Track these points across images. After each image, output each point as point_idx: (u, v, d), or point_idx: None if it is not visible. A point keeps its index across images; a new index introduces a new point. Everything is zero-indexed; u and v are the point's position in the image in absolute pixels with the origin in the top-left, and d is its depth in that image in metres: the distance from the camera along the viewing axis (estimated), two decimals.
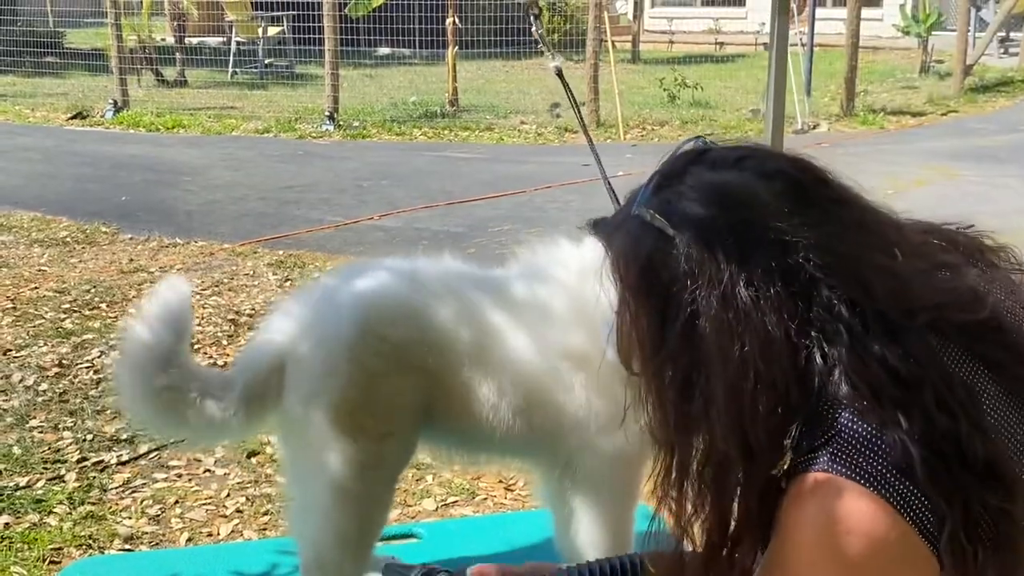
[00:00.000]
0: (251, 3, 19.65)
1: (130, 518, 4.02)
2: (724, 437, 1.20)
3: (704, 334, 1.19)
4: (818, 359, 1.19)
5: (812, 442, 1.20)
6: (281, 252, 7.96)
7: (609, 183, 1.93)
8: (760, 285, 1.18)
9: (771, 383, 1.18)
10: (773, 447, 1.19)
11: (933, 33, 19.33)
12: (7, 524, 3.94)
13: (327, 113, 14.72)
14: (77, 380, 5.38)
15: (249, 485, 4.30)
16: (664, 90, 16.18)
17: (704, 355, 1.20)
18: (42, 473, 4.37)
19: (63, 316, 6.43)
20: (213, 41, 21.21)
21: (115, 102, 15.67)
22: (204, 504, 4.16)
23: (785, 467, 1.19)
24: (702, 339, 1.20)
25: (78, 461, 4.48)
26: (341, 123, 14.69)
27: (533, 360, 1.83)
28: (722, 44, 24.17)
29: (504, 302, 1.87)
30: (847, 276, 1.21)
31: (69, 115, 15.71)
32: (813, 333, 1.19)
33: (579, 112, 2.09)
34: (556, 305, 1.85)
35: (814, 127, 14.42)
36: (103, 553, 3.70)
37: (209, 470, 4.44)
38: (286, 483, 1.88)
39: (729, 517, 1.24)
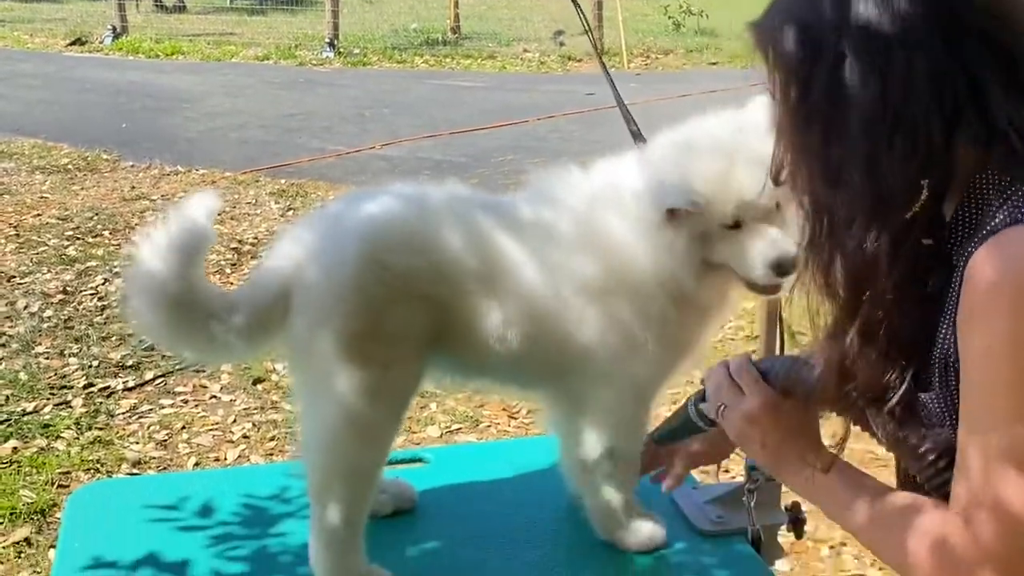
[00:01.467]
0: None
1: (137, 443, 4.06)
2: (860, 180, 1.17)
3: (847, 74, 1.18)
4: (964, 102, 1.16)
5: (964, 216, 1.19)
6: (283, 181, 7.92)
7: (623, 103, 1.91)
8: (907, 25, 1.16)
9: (910, 121, 1.15)
10: (908, 190, 1.16)
11: None
12: (15, 448, 3.97)
13: (327, 40, 14.56)
14: (82, 307, 5.39)
15: (255, 411, 4.33)
16: (669, 18, 15.97)
17: (846, 95, 1.18)
18: (49, 399, 4.41)
19: (66, 243, 6.43)
20: None
21: (114, 28, 15.50)
22: (211, 430, 4.20)
23: (918, 210, 1.16)
24: (844, 79, 1.18)
25: (84, 387, 4.51)
26: (341, 50, 14.53)
27: (542, 289, 1.82)
28: None
29: (513, 230, 1.86)
30: (1001, 20, 1.18)
31: (68, 41, 15.55)
32: (960, 74, 1.16)
33: (591, 34, 2.05)
34: (566, 233, 1.83)
35: None
36: (111, 477, 3.74)
37: (215, 396, 4.47)
38: (296, 408, 1.89)
39: (862, 277, 1.21)
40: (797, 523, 2.09)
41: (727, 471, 3.83)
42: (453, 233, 1.82)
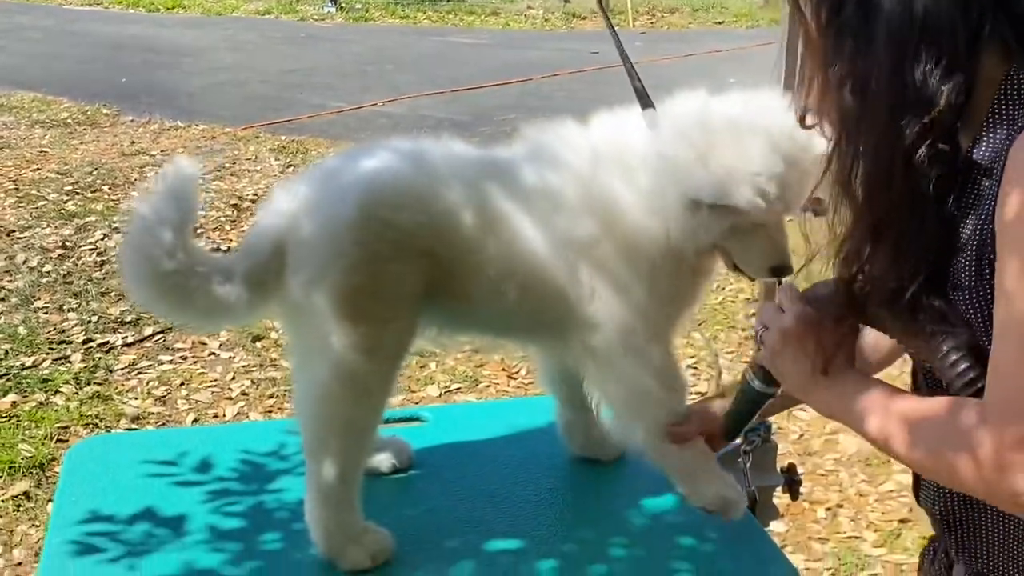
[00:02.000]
0: None
1: (136, 399, 4.07)
2: (884, 88, 1.22)
3: None
4: (990, 10, 1.19)
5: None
6: (283, 137, 7.89)
7: (628, 58, 1.87)
8: None
9: (935, 31, 1.19)
10: (929, 97, 1.20)
11: None
12: (14, 403, 3.98)
13: None
14: (81, 262, 5.38)
15: (254, 368, 4.33)
16: None
17: (875, 9, 1.22)
18: (48, 353, 4.41)
19: (65, 198, 6.41)
20: None
21: None
22: (209, 386, 4.21)
23: (936, 115, 1.20)
24: None
25: (83, 342, 4.52)
26: (343, 5, 14.44)
27: (536, 244, 1.80)
28: None
29: (509, 184, 1.84)
30: None
31: None
32: None
33: None
34: (561, 188, 1.81)
35: None
36: (109, 432, 3.74)
37: (214, 353, 4.48)
38: (291, 367, 1.88)
39: (878, 180, 1.24)
40: (793, 485, 2.09)
41: None
42: (452, 188, 1.80)
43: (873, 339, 1.57)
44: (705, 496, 1.88)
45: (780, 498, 2.23)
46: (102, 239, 5.67)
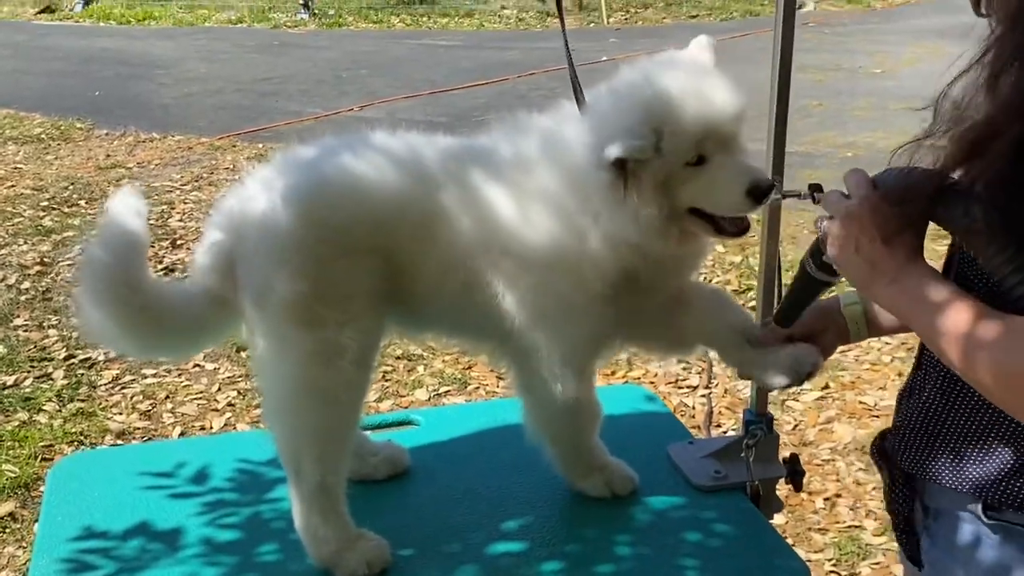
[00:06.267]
0: None
1: (121, 414, 4.00)
2: None
3: None
4: None
5: None
6: (261, 145, 7.82)
7: (574, 71, 1.81)
8: None
9: None
10: None
11: None
12: None
13: (301, 1, 14.40)
14: (60, 278, 5.31)
15: (240, 379, 4.28)
16: None
17: None
18: (29, 371, 4.34)
19: (42, 214, 6.33)
20: None
21: None
22: (195, 399, 4.15)
23: None
24: None
25: (65, 359, 4.45)
26: (316, 11, 14.39)
27: (470, 240, 1.74)
28: None
29: (451, 176, 1.76)
30: None
31: (37, 9, 15.33)
32: None
33: None
34: (501, 190, 1.74)
35: (800, 7, 14.16)
36: (95, 448, 3.68)
37: (199, 365, 4.41)
38: (257, 380, 1.81)
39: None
40: (795, 475, 2.06)
41: (719, 425, 3.81)
42: (394, 181, 1.74)
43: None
44: (593, 491, 1.94)
45: (780, 489, 2.19)
46: (81, 254, 5.60)
